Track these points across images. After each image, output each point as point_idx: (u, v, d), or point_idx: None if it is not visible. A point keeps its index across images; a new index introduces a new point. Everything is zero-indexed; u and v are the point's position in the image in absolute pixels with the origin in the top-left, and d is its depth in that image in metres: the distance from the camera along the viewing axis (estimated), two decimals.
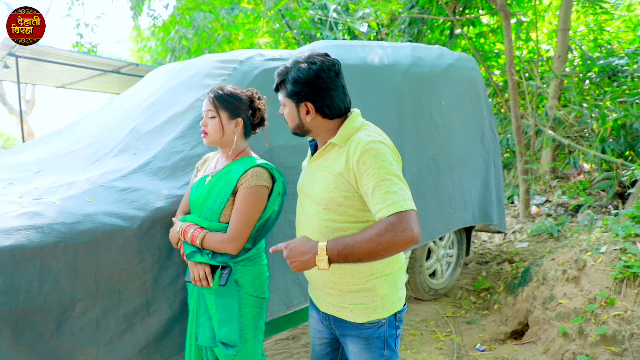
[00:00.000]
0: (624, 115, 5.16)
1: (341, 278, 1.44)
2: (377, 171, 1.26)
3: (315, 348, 1.74)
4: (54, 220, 1.70)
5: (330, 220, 1.41)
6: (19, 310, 1.59)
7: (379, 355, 1.46)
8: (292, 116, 1.47)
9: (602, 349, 2.43)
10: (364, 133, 1.38)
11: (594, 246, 2.91)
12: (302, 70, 1.38)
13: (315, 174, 1.48)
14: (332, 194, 1.38)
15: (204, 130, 1.74)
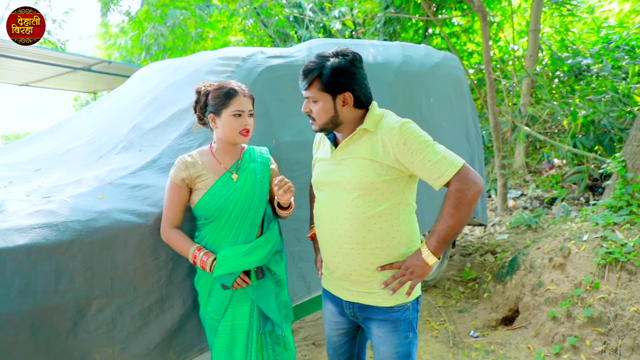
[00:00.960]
0: (592, 112, 5.45)
1: (372, 264, 1.49)
2: (419, 146, 1.38)
3: (333, 339, 1.77)
4: (69, 218, 1.68)
5: (366, 207, 1.45)
6: (36, 309, 1.57)
7: (404, 337, 1.53)
8: (326, 109, 1.47)
9: (589, 330, 2.59)
10: (390, 118, 1.47)
11: (577, 235, 3.08)
12: (340, 62, 1.43)
13: (343, 163, 1.51)
14: (371, 179, 1.43)
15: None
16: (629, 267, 2.71)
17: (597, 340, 2.54)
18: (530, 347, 2.70)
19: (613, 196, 3.21)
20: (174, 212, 1.76)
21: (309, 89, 1.48)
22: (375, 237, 1.48)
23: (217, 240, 1.77)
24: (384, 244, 1.49)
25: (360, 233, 1.48)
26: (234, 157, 1.79)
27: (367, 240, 1.49)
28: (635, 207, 3.05)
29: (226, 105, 1.69)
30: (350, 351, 1.78)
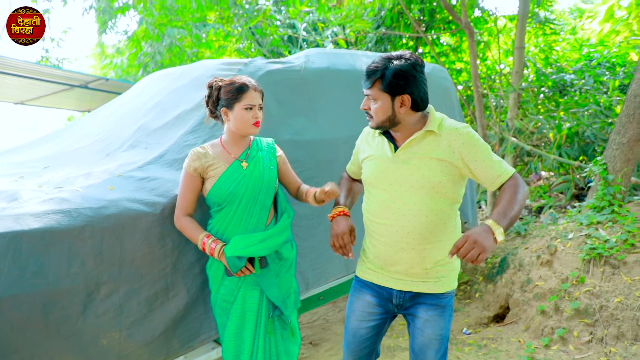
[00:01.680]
0: (576, 124, 5.66)
1: (435, 257, 1.62)
2: (481, 148, 1.55)
3: (360, 332, 1.79)
4: (81, 205, 1.77)
5: (433, 204, 1.57)
6: (49, 291, 1.64)
7: (448, 321, 1.68)
8: (384, 109, 1.56)
9: (576, 321, 2.69)
10: (450, 121, 1.61)
11: (563, 234, 3.21)
12: (402, 66, 1.53)
13: (410, 162, 1.59)
14: (439, 178, 1.55)
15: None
16: (612, 261, 2.83)
17: (584, 331, 2.64)
18: (521, 341, 2.79)
19: (596, 197, 3.36)
20: (187, 201, 1.86)
21: (371, 89, 1.58)
22: (440, 232, 1.60)
23: (230, 226, 1.87)
24: (446, 236, 1.61)
25: (428, 229, 1.58)
26: (242, 147, 1.91)
27: (433, 235, 1.59)
28: (616, 206, 3.19)
29: (238, 99, 1.82)
30: (373, 346, 1.83)
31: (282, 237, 1.91)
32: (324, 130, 2.71)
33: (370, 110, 1.62)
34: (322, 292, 2.85)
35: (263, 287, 1.88)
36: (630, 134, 3.31)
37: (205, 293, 2.09)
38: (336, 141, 2.77)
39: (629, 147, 3.32)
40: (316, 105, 2.74)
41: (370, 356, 1.84)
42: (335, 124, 2.81)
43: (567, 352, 2.60)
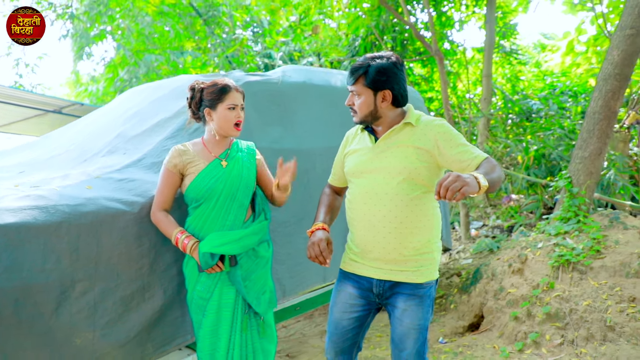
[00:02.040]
0: (542, 147, 5.93)
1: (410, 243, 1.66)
2: (455, 136, 1.64)
3: (343, 324, 1.82)
4: (58, 202, 1.77)
5: (409, 189, 1.64)
6: (22, 286, 1.62)
7: (427, 311, 1.70)
8: (367, 103, 1.67)
9: (548, 325, 2.76)
10: (427, 117, 1.72)
11: (532, 244, 3.32)
12: (384, 63, 1.64)
13: (387, 151, 1.68)
14: (415, 164, 1.63)
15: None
16: (579, 267, 2.94)
17: (556, 334, 2.70)
18: (496, 347, 2.83)
19: (562, 209, 3.50)
20: (164, 196, 1.88)
21: (355, 84, 1.68)
22: (415, 217, 1.66)
23: (207, 223, 1.88)
24: (421, 224, 1.67)
25: (404, 213, 1.65)
26: (223, 147, 1.95)
27: (409, 220, 1.65)
28: (582, 216, 3.34)
29: (222, 100, 1.88)
30: (355, 339, 1.85)
31: (257, 237, 1.93)
32: (301, 140, 2.79)
33: (354, 106, 1.72)
34: (299, 302, 2.86)
35: (234, 284, 1.89)
36: (591, 148, 3.50)
37: (182, 296, 2.07)
38: (312, 151, 2.84)
39: (591, 161, 3.50)
40: (293, 116, 2.82)
41: (352, 348, 1.85)
42: (311, 134, 2.89)
43: (541, 355, 2.66)
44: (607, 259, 2.92)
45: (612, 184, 5.07)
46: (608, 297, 2.73)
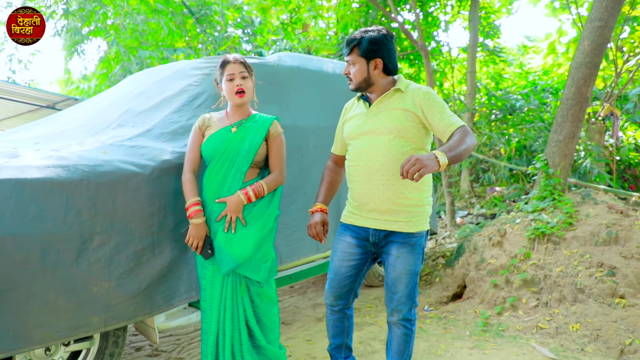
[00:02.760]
0: (524, 138, 6.21)
1: (402, 194, 1.85)
2: (438, 103, 1.82)
3: (341, 271, 2.02)
4: (78, 162, 1.96)
5: (400, 145, 1.84)
6: (47, 235, 1.80)
7: (417, 258, 1.90)
8: (361, 71, 1.88)
9: (524, 290, 2.99)
10: (415, 84, 1.91)
11: (511, 220, 3.55)
12: (376, 35, 1.86)
13: (380, 114, 1.89)
14: (403, 124, 1.83)
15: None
16: (554, 238, 3.18)
17: (532, 298, 2.93)
18: (477, 311, 3.05)
19: (539, 188, 3.75)
20: (191, 154, 2.10)
21: (351, 55, 1.90)
22: None
23: (208, 182, 2.07)
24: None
25: (395, 167, 1.84)
26: (240, 117, 2.13)
27: (400, 172, 1.81)
28: (556, 195, 3.58)
29: (223, 73, 2.09)
30: (352, 285, 2.04)
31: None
32: (295, 119, 2.98)
33: (350, 74, 1.94)
34: (294, 272, 3.05)
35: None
36: (565, 132, 3.75)
37: (188, 254, 2.26)
38: (306, 129, 3.04)
39: (565, 144, 3.75)
40: (287, 96, 3.02)
41: (349, 294, 2.05)
42: (304, 114, 3.09)
43: (517, 317, 2.88)
44: (578, 230, 3.16)
45: (589, 171, 5.36)
46: (579, 264, 2.96)
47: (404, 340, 1.95)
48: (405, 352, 1.96)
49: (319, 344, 2.74)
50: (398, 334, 1.94)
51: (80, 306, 1.88)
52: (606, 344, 2.46)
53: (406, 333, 1.94)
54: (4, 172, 1.77)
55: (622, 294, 2.71)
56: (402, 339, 1.94)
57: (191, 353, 2.70)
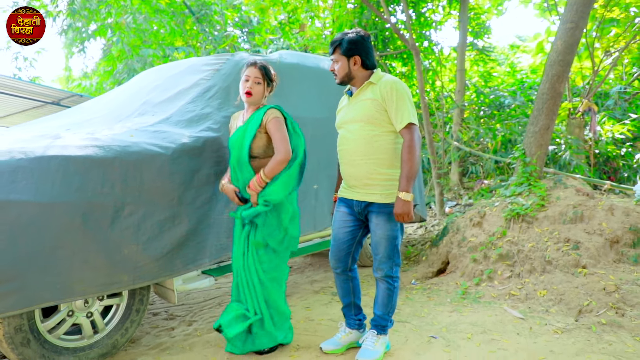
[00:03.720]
0: (509, 133, 6.57)
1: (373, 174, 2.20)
2: (398, 96, 2.12)
3: (339, 237, 2.37)
4: (111, 143, 2.29)
5: (369, 130, 2.18)
6: (87, 203, 2.13)
7: (394, 224, 2.22)
8: (343, 67, 2.23)
9: (500, 264, 3.34)
10: (388, 76, 2.21)
11: (491, 203, 3.91)
12: (354, 36, 2.21)
13: (356, 105, 2.23)
14: (370, 112, 2.17)
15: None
16: (527, 218, 3.54)
17: (506, 270, 3.29)
18: (458, 283, 3.40)
19: (517, 175, 4.11)
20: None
21: (334, 54, 2.25)
22: (376, 151, 2.19)
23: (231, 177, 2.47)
24: (383, 156, 2.19)
25: (366, 148, 2.19)
26: (250, 113, 2.47)
27: (371, 153, 2.19)
28: (532, 180, 3.94)
29: (244, 72, 2.43)
30: (349, 249, 2.38)
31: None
32: (295, 109, 3.30)
33: (335, 70, 2.28)
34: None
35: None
36: (540, 124, 4.11)
37: (203, 225, 2.59)
38: (304, 120, 3.36)
39: (541, 135, 4.11)
40: (288, 90, 3.35)
41: (347, 257, 2.38)
42: (303, 106, 3.43)
43: (493, 286, 3.24)
44: (549, 210, 3.52)
45: (568, 163, 5.73)
46: (548, 239, 3.32)
47: (387, 294, 2.29)
48: (388, 305, 2.31)
49: (316, 310, 3.08)
50: (382, 289, 2.29)
51: (114, 265, 2.22)
52: (567, 306, 2.82)
53: (389, 288, 2.29)
54: (52, 150, 2.10)
55: (584, 264, 3.07)
56: (385, 292, 2.29)
57: (202, 317, 3.04)
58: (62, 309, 2.24)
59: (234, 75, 2.97)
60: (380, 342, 2.32)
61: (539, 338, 2.47)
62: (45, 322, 2.18)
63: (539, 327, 2.62)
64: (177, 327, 2.85)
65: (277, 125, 2.38)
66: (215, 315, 3.05)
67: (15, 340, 2.03)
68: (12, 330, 2.02)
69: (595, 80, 6.19)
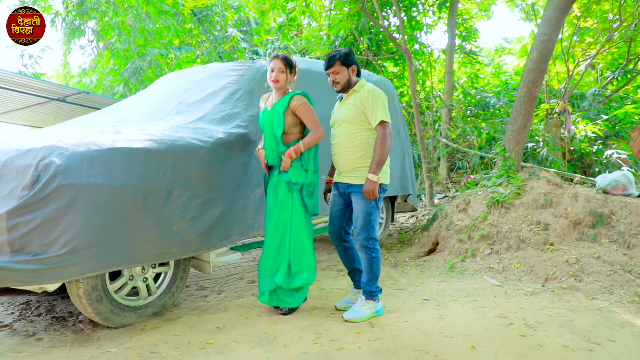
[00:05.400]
0: (493, 131, 7.16)
1: (351, 163, 2.73)
2: (372, 101, 2.66)
3: (333, 214, 2.94)
4: (162, 137, 2.77)
5: (351, 129, 2.72)
6: (147, 187, 2.60)
7: (368, 203, 2.70)
8: (345, 75, 2.75)
9: (482, 243, 3.90)
10: (368, 85, 2.75)
11: (474, 193, 4.47)
12: (347, 50, 2.77)
13: (343, 108, 2.79)
14: (352, 114, 2.71)
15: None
16: (505, 205, 4.10)
17: (487, 248, 3.84)
18: (445, 260, 3.95)
19: (497, 169, 4.67)
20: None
21: (333, 66, 2.75)
22: (355, 143, 2.73)
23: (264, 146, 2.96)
24: (360, 148, 2.73)
25: (347, 141, 2.75)
26: (278, 97, 2.92)
27: (351, 145, 2.74)
28: (511, 173, 4.51)
29: (269, 64, 2.90)
30: (341, 224, 2.92)
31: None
32: None
33: (336, 80, 2.79)
34: None
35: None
36: (518, 124, 4.67)
37: (234, 207, 3.08)
38: None
39: (518, 133, 4.67)
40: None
41: (340, 230, 2.92)
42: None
43: (476, 262, 3.79)
44: (524, 198, 4.08)
45: (545, 158, 6.33)
46: (522, 222, 3.88)
47: (367, 262, 2.76)
48: (370, 272, 2.76)
49: (325, 283, 3.60)
50: (363, 258, 2.78)
51: (166, 239, 2.70)
52: (536, 275, 3.38)
53: (367, 256, 2.75)
54: (119, 142, 2.58)
55: (552, 242, 3.63)
56: (366, 261, 2.77)
57: (229, 287, 3.54)
58: (125, 274, 2.72)
59: (257, 80, 3.46)
60: (367, 306, 2.75)
61: (512, 299, 3.02)
62: (112, 284, 2.66)
63: (512, 291, 3.17)
64: (208, 295, 3.35)
65: (308, 109, 2.82)
66: (239, 287, 3.56)
67: (92, 297, 2.51)
68: (90, 288, 2.50)
69: (570, 83, 6.80)
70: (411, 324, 2.64)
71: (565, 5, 4.36)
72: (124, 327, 2.67)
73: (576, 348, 2.29)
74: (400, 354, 2.24)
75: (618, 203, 3.81)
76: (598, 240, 3.64)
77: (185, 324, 2.71)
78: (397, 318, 2.75)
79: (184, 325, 2.68)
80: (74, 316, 2.90)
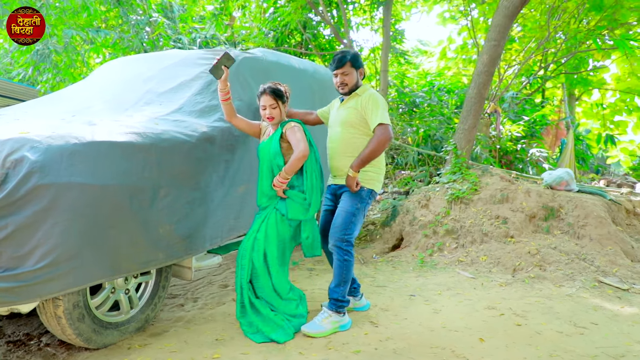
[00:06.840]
0: (428, 129, 7.51)
1: (345, 167, 2.66)
2: (374, 104, 2.60)
3: (323, 215, 2.86)
4: (145, 131, 2.47)
5: (349, 133, 2.64)
6: (132, 186, 2.32)
7: (353, 203, 2.64)
8: (355, 78, 2.67)
9: (447, 237, 4.06)
10: (371, 90, 2.68)
11: (432, 189, 4.64)
12: (355, 52, 2.68)
13: (343, 111, 2.70)
14: (352, 118, 2.64)
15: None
16: (465, 200, 4.31)
17: (452, 242, 4.01)
18: (414, 255, 4.06)
19: (450, 166, 4.90)
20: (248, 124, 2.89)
21: (343, 67, 2.65)
22: (350, 147, 2.66)
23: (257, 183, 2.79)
24: (355, 153, 2.65)
25: (343, 145, 2.67)
26: (275, 128, 2.76)
27: (347, 149, 2.66)
28: (463, 170, 4.75)
29: (259, 100, 2.74)
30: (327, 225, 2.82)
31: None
32: None
33: (345, 81, 2.69)
34: None
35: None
36: (469, 123, 4.94)
37: (217, 207, 2.85)
38: None
39: (469, 132, 4.94)
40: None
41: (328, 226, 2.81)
42: None
43: (444, 256, 3.94)
44: (481, 194, 4.33)
45: (479, 156, 6.78)
46: (483, 217, 4.11)
47: (338, 265, 2.62)
48: (339, 276, 2.62)
49: (302, 283, 3.49)
50: (335, 259, 2.67)
51: (152, 244, 2.42)
52: (504, 266, 3.60)
53: (339, 258, 2.62)
54: (97, 135, 2.24)
55: (512, 235, 3.90)
56: (337, 264, 2.63)
57: (202, 294, 3.28)
58: (106, 287, 2.38)
59: (232, 69, 3.22)
60: (329, 320, 2.55)
61: (490, 290, 3.18)
62: (93, 299, 2.32)
63: (487, 283, 3.34)
64: (185, 304, 3.08)
65: (294, 132, 2.66)
66: (214, 292, 3.32)
67: (73, 315, 2.16)
68: (71, 306, 2.16)
69: (501, 87, 7.37)
70: (412, 321, 2.66)
71: (513, 13, 4.69)
72: (106, 347, 2.35)
73: (569, 333, 2.47)
74: (418, 352, 2.24)
75: (564, 197, 4.20)
76: (551, 232, 3.98)
77: (176, 338, 2.46)
78: (394, 316, 2.75)
79: (175, 340, 2.43)
80: (33, 338, 2.48)
